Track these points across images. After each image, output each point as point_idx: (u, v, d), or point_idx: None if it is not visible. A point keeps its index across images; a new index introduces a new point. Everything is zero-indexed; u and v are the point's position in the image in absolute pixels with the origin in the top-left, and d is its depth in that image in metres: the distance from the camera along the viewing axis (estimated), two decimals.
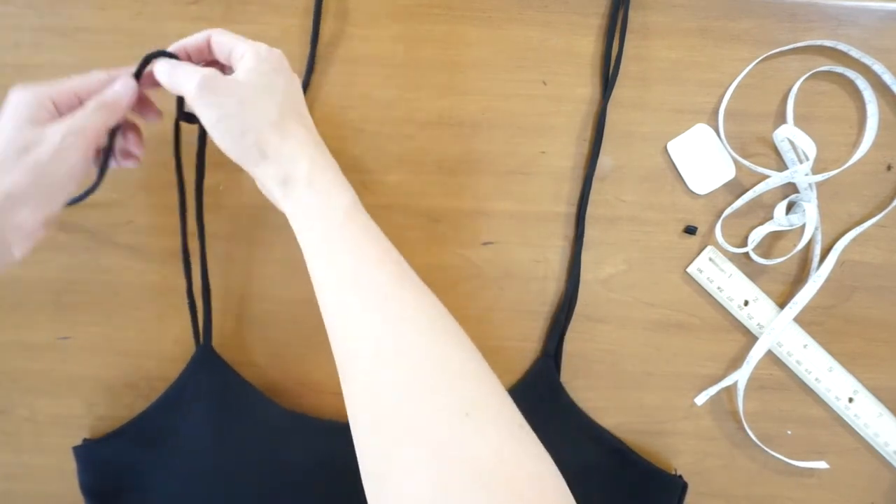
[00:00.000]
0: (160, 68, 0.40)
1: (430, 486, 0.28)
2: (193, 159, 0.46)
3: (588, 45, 0.50)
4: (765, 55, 0.49)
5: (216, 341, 0.50)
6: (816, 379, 0.50)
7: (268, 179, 0.39)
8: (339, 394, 0.51)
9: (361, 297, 0.35)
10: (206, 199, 0.49)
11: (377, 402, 0.32)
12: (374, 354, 0.33)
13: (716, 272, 0.50)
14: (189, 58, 0.41)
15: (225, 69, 0.41)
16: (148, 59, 0.40)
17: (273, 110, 0.39)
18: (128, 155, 0.44)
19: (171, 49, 0.41)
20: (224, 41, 0.40)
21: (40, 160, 0.37)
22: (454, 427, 0.30)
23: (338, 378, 0.51)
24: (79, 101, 0.39)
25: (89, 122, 0.38)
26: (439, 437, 0.29)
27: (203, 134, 0.45)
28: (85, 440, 0.50)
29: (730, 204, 0.50)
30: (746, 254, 0.50)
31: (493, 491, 0.28)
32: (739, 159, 0.49)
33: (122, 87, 0.40)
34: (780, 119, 0.50)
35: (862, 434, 0.51)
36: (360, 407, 0.33)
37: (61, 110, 0.39)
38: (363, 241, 0.37)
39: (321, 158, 0.39)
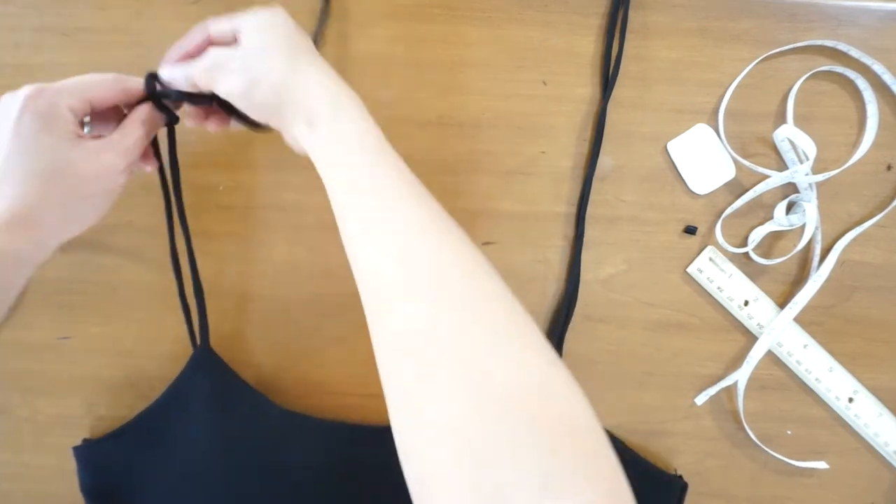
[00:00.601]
0: (165, 71, 0.41)
1: (463, 412, 0.27)
2: (188, 159, 0.46)
3: (588, 45, 0.50)
4: (765, 55, 0.49)
5: (216, 341, 0.50)
6: (816, 379, 0.50)
7: (293, 125, 0.39)
8: (339, 394, 0.51)
9: (393, 230, 0.34)
10: (206, 199, 0.49)
11: (409, 327, 0.31)
12: (405, 285, 0.32)
13: (716, 272, 0.50)
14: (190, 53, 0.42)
15: None
16: (152, 78, 0.41)
17: (279, 58, 0.39)
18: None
19: (172, 54, 0.41)
20: (223, 27, 0.41)
21: (77, 178, 0.37)
22: (486, 352, 0.29)
23: (339, 378, 0.51)
24: (91, 106, 0.39)
25: (131, 142, 0.40)
26: (475, 363, 0.29)
27: (172, 132, 0.45)
28: (85, 440, 0.50)
29: (730, 204, 0.50)
30: (746, 254, 0.50)
31: (530, 416, 0.27)
32: (739, 159, 0.49)
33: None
34: (780, 119, 0.50)
35: (862, 434, 0.51)
36: (389, 339, 0.32)
37: (79, 116, 0.39)
38: (394, 176, 0.36)
39: (342, 93, 0.39)
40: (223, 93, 0.39)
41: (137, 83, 0.41)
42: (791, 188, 0.50)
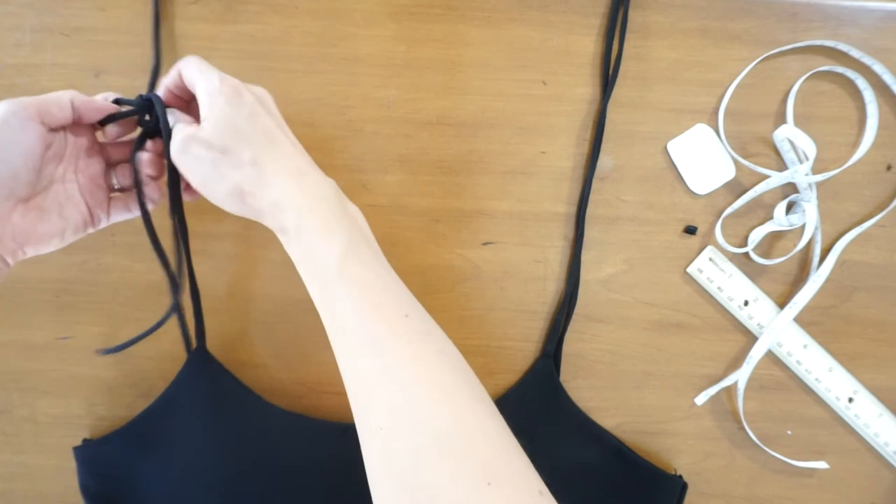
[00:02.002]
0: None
1: None
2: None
3: (588, 45, 0.50)
4: (765, 55, 0.49)
5: (216, 342, 0.50)
6: (816, 379, 0.50)
7: (271, 229, 0.38)
8: (338, 393, 0.51)
9: (370, 352, 0.34)
10: (207, 199, 0.49)
11: (394, 464, 0.31)
12: (388, 415, 0.32)
13: (716, 272, 0.50)
14: (176, 97, 0.41)
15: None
16: (142, 101, 0.40)
17: (243, 153, 0.37)
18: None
19: (158, 92, 0.40)
20: (188, 75, 0.39)
21: None
22: (474, 494, 0.28)
23: (337, 378, 0.51)
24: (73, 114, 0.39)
25: (37, 99, 0.37)
26: None
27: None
28: (85, 440, 0.50)
29: (730, 204, 0.50)
30: (746, 254, 0.50)
31: None
32: (739, 159, 0.49)
33: (102, 99, 0.40)
34: (780, 119, 0.50)
35: (862, 434, 0.51)
36: (377, 469, 0.32)
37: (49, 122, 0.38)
38: (364, 289, 0.35)
39: (306, 199, 0.37)
40: (191, 181, 0.38)
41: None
42: (791, 188, 0.50)
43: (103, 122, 0.40)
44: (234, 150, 0.37)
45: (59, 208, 0.39)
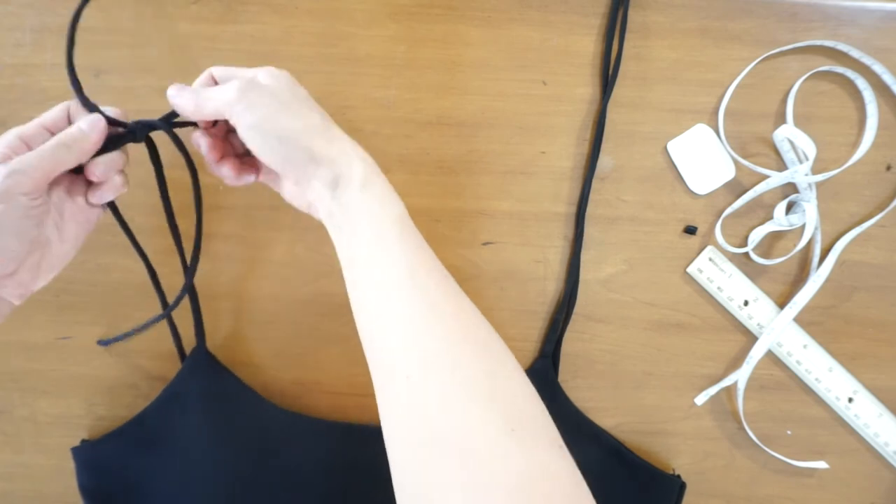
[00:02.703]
0: (186, 97, 0.38)
1: (470, 500, 0.28)
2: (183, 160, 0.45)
3: (588, 45, 0.50)
4: (765, 55, 0.49)
5: (216, 342, 0.50)
6: (816, 379, 0.50)
7: (311, 182, 0.37)
8: (338, 394, 0.51)
9: (409, 304, 0.34)
10: (206, 200, 0.49)
11: (419, 413, 0.31)
12: (420, 364, 0.32)
13: (716, 272, 0.50)
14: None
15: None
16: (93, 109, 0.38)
17: (314, 115, 0.38)
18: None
19: (173, 91, 0.38)
20: (226, 72, 0.39)
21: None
22: (497, 441, 0.29)
23: (337, 377, 0.51)
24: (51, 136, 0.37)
25: (40, 161, 0.34)
26: (484, 451, 0.29)
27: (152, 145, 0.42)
28: (83, 441, 0.50)
29: (730, 204, 0.50)
30: (746, 254, 0.50)
31: None
32: (739, 159, 0.49)
33: (89, 125, 0.37)
34: (780, 119, 0.50)
35: (862, 434, 0.51)
36: (398, 418, 0.32)
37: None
38: (414, 248, 0.36)
39: (372, 163, 0.38)
40: (245, 124, 0.36)
41: (83, 138, 0.37)
42: (791, 188, 0.50)
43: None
44: (300, 104, 0.38)
45: (59, 237, 0.38)
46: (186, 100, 0.38)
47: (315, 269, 0.50)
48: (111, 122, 0.38)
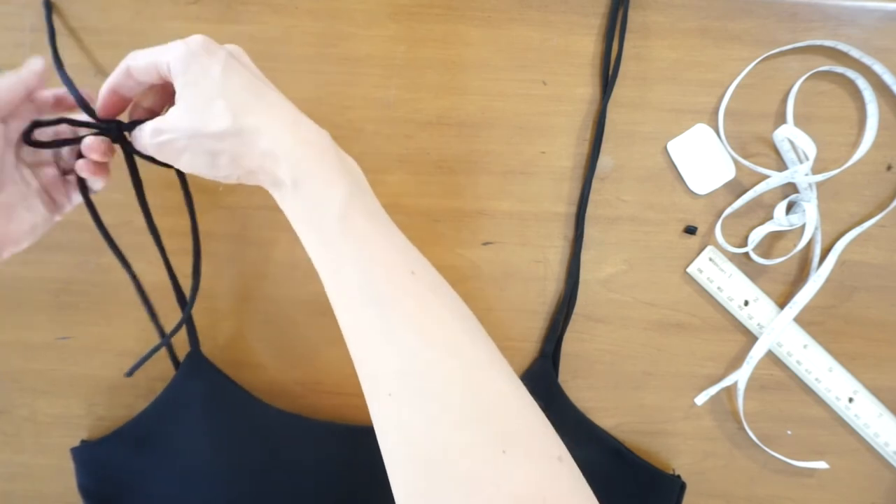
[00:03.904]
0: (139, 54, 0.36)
1: None
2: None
3: (588, 45, 0.50)
4: (765, 55, 0.49)
5: (215, 342, 0.50)
6: (816, 379, 0.50)
7: (264, 186, 0.35)
8: (338, 394, 0.51)
9: (377, 313, 0.31)
10: (206, 200, 0.49)
11: (405, 433, 0.29)
12: (398, 381, 0.30)
13: (716, 272, 0.50)
14: (121, 98, 0.38)
15: (167, 90, 0.37)
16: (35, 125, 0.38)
17: (222, 114, 0.33)
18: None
19: (101, 94, 0.38)
20: (142, 64, 0.35)
21: None
22: (489, 463, 0.27)
23: (338, 378, 0.51)
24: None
25: None
26: (473, 474, 0.27)
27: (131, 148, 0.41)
28: (83, 441, 0.50)
29: (730, 204, 0.50)
30: (746, 254, 0.50)
31: None
32: (739, 159, 0.49)
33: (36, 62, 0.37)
34: (780, 119, 0.50)
35: (862, 434, 0.51)
36: (387, 434, 0.30)
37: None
38: (369, 243, 0.33)
39: (300, 147, 0.33)
40: (188, 171, 0.36)
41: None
42: (791, 188, 0.50)
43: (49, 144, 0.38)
44: (209, 114, 0.33)
45: (24, 202, 0.38)
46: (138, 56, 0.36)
47: (315, 269, 0.50)
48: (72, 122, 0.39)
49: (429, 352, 0.30)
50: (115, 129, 0.38)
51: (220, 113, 0.33)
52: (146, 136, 0.36)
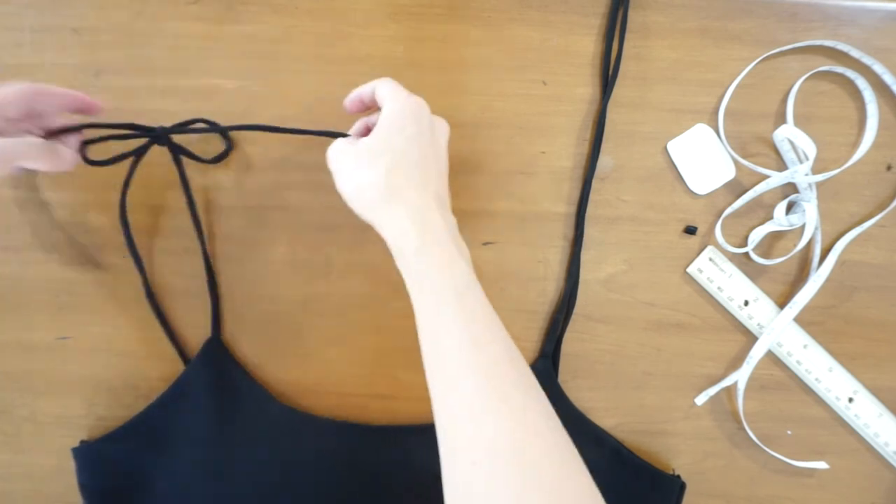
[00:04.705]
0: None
1: None
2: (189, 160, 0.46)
3: (588, 45, 0.50)
4: (765, 55, 0.49)
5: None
6: (816, 379, 0.50)
7: (384, 236, 0.39)
8: (338, 393, 0.51)
9: (475, 388, 0.33)
10: (206, 199, 0.50)
11: (490, 501, 0.30)
12: (487, 452, 0.31)
13: (716, 272, 0.50)
14: (360, 103, 0.44)
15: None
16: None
17: (379, 173, 0.39)
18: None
19: (350, 98, 0.44)
20: (381, 93, 0.42)
21: None
22: None
23: (338, 378, 0.51)
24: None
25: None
26: None
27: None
28: (83, 441, 0.50)
29: (730, 204, 0.50)
30: (746, 254, 0.50)
31: None
32: (739, 159, 0.49)
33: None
34: (780, 119, 0.50)
35: (862, 434, 0.51)
36: (463, 501, 0.32)
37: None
38: (475, 321, 0.36)
39: (433, 227, 0.38)
40: (338, 188, 0.41)
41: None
42: (791, 188, 0.50)
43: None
44: (377, 159, 0.39)
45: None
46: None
47: (315, 269, 0.50)
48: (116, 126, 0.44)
49: (521, 433, 0.32)
50: (166, 138, 0.45)
51: (380, 167, 0.39)
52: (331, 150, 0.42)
